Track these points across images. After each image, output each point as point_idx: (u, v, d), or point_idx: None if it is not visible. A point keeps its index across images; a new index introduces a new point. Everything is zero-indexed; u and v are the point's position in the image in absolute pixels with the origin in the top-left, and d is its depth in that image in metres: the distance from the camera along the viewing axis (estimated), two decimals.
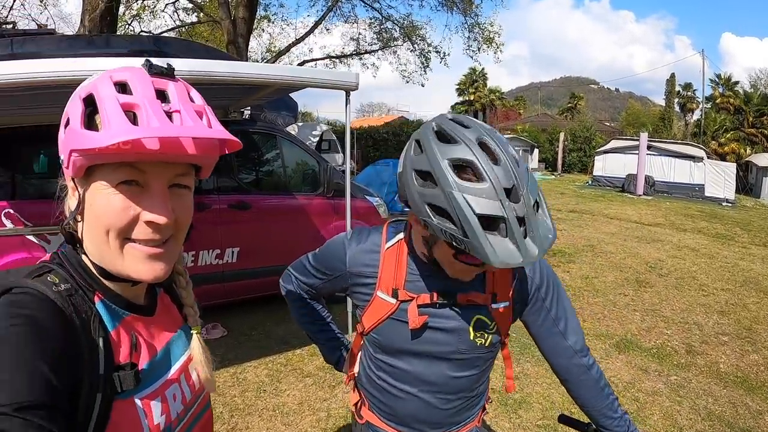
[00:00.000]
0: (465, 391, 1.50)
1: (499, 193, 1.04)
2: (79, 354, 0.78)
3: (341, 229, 6.18)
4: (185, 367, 1.02)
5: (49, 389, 0.68)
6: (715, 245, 10.87)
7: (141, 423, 0.86)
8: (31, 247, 4.31)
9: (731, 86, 39.88)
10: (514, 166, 1.06)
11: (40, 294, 0.77)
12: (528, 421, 3.82)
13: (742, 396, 4.36)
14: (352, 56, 20.55)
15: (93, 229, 0.84)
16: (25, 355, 0.69)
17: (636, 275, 8.16)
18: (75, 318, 0.79)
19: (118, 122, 0.75)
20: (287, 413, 3.92)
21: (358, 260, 1.48)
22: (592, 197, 19.57)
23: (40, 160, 4.68)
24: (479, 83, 58.39)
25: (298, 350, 5.06)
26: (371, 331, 1.49)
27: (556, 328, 1.47)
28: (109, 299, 0.89)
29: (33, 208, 4.32)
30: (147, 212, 0.82)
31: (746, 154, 29.95)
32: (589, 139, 31.61)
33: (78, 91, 0.83)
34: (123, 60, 2.55)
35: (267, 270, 5.58)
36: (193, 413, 1.03)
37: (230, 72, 2.99)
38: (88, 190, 0.83)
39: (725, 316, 6.39)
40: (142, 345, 0.91)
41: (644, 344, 5.44)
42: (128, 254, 0.84)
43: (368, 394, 1.63)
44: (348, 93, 3.36)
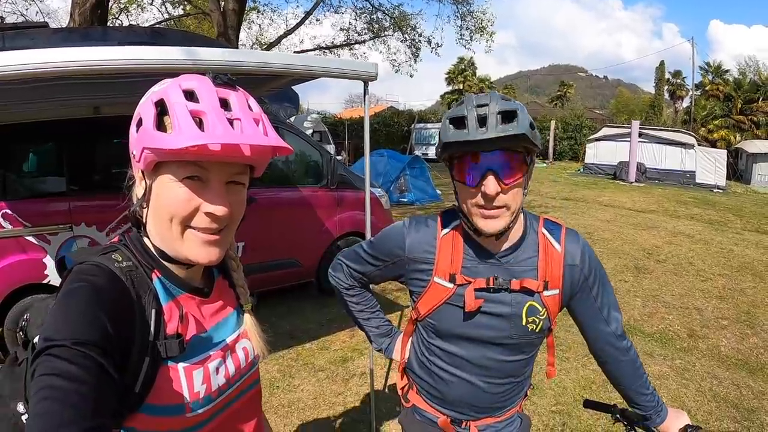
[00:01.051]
0: (513, 376, 1.56)
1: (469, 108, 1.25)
2: (132, 318, 0.90)
3: (345, 221, 6.20)
4: (233, 345, 1.12)
5: (104, 334, 0.80)
6: (709, 231, 10.99)
7: (182, 388, 0.96)
8: (29, 248, 4.31)
9: (721, 74, 40.00)
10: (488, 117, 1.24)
11: (103, 266, 0.91)
12: (542, 408, 3.89)
13: (744, 378, 4.45)
14: (342, 47, 20.32)
15: (158, 215, 0.96)
16: (87, 307, 0.82)
17: (634, 262, 8.26)
18: (132, 289, 0.92)
19: (187, 128, 0.85)
20: (303, 409, 3.94)
21: (416, 247, 1.53)
22: (584, 185, 19.68)
23: (31, 158, 4.67)
24: (468, 72, 58.22)
25: (307, 344, 5.10)
26: (427, 316, 1.54)
27: (600, 316, 1.53)
28: (165, 277, 1.01)
29: (29, 208, 4.32)
30: (207, 204, 0.93)
31: (736, 141, 30.10)
32: (579, 127, 31.70)
33: (150, 95, 0.93)
34: (124, 49, 2.53)
35: (273, 264, 5.63)
36: (238, 388, 1.13)
37: (254, 61, 2.95)
38: (155, 181, 0.94)
39: (724, 301, 6.50)
40: (190, 320, 1.02)
41: (647, 329, 5.54)
42: (188, 239, 0.96)
43: (417, 379, 1.70)
44: (366, 83, 3.36)
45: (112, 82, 3.36)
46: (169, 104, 0.88)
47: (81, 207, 4.53)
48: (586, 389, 4.17)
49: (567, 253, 1.47)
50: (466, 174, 1.33)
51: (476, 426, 1.61)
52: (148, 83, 3.29)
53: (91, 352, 0.75)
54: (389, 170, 13.96)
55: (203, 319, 1.06)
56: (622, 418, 1.72)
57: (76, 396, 0.70)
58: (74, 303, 0.81)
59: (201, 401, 0.99)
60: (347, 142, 24.78)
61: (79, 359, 0.73)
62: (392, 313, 5.91)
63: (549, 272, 1.45)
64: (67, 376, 0.71)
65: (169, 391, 0.94)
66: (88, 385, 0.72)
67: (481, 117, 1.24)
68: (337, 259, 1.82)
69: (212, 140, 0.84)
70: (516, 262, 1.46)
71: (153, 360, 0.92)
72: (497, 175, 1.28)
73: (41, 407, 0.68)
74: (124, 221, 3.78)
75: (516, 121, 1.22)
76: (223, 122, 0.87)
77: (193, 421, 0.99)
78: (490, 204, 1.31)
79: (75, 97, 3.90)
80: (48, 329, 0.77)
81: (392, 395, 4.08)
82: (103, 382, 0.76)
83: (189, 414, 0.97)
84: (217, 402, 1.05)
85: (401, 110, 36.24)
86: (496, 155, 1.28)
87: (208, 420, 1.03)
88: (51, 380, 0.70)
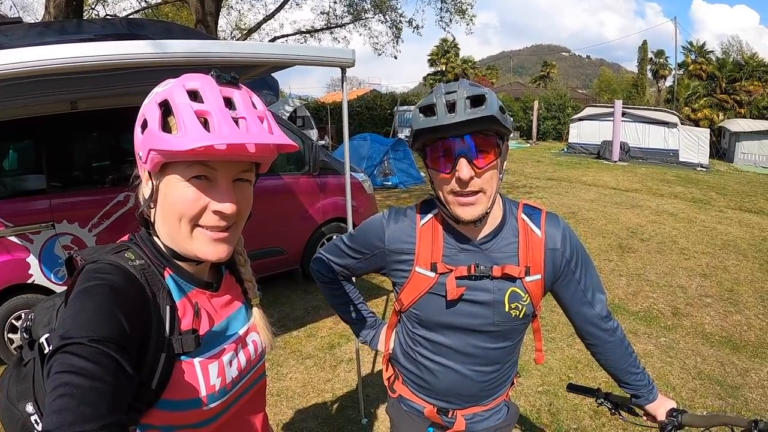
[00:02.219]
0: (498, 363, 1.57)
1: (437, 96, 1.27)
2: (148, 316, 0.91)
3: (328, 208, 6.18)
4: (243, 338, 1.15)
5: (121, 332, 0.81)
6: (692, 209, 11.09)
7: (198, 382, 0.98)
8: (12, 249, 4.25)
9: (704, 53, 40.18)
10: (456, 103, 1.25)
11: (118, 265, 0.92)
12: (529, 388, 3.92)
13: (728, 355, 4.51)
14: (323, 31, 20.13)
15: (166, 215, 0.97)
16: (103, 305, 0.82)
17: (619, 241, 8.32)
18: (146, 287, 0.93)
19: (194, 129, 0.86)
20: (292, 397, 3.94)
21: (396, 238, 1.53)
22: (568, 164, 19.75)
23: (9, 156, 4.58)
24: (451, 54, 58.05)
25: (295, 332, 5.09)
26: (410, 306, 1.54)
27: (584, 298, 1.54)
28: (177, 275, 1.02)
29: (10, 207, 4.24)
30: (215, 203, 0.94)
31: (719, 120, 30.27)
32: (562, 106, 31.74)
33: (154, 96, 0.93)
34: (96, 45, 2.49)
35: (257, 253, 5.59)
36: (248, 380, 1.16)
37: (226, 52, 2.92)
38: (162, 182, 0.95)
39: (707, 279, 6.57)
40: (203, 315, 1.04)
41: (631, 308, 5.60)
42: (197, 238, 0.97)
43: (403, 369, 1.70)
44: (344, 70, 3.33)
45: (88, 77, 3.30)
46: (173, 105, 0.89)
47: (62, 204, 4.46)
48: (572, 369, 4.20)
49: (548, 237, 1.47)
50: (438, 161, 1.34)
51: (463, 415, 1.61)
52: (124, 77, 3.25)
53: (107, 350, 0.76)
54: (372, 154, 13.90)
55: (215, 313, 1.08)
56: (606, 401, 1.75)
57: (93, 393, 0.71)
58: (90, 301, 0.82)
59: (217, 394, 1.02)
60: (330, 126, 24.62)
61: (95, 356, 0.74)
62: (377, 298, 5.93)
63: (530, 257, 1.45)
64: (83, 373, 0.72)
65: (185, 386, 0.96)
66: (104, 382, 0.73)
67: (450, 103, 1.25)
68: (318, 253, 1.82)
69: (218, 141, 0.84)
70: (497, 249, 1.46)
71: (169, 356, 0.93)
72: (469, 158, 1.29)
73: (58, 404, 0.68)
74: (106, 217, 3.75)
75: (485, 105, 1.24)
76: (228, 122, 0.88)
77: (208, 413, 1.01)
78: (465, 188, 1.30)
79: (51, 92, 3.85)
80: (64, 327, 0.77)
81: (380, 380, 4.06)
82: (120, 379, 0.76)
83: (205, 407, 0.99)
84: (231, 394, 1.08)
85: (384, 93, 36.03)
86: (467, 140, 1.28)
87: (223, 412, 1.06)
88: (67, 377, 0.71)
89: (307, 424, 3.60)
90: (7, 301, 4.31)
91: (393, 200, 11.83)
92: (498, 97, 1.29)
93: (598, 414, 3.52)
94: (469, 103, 1.24)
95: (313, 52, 3.40)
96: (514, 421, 1.74)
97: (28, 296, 4.40)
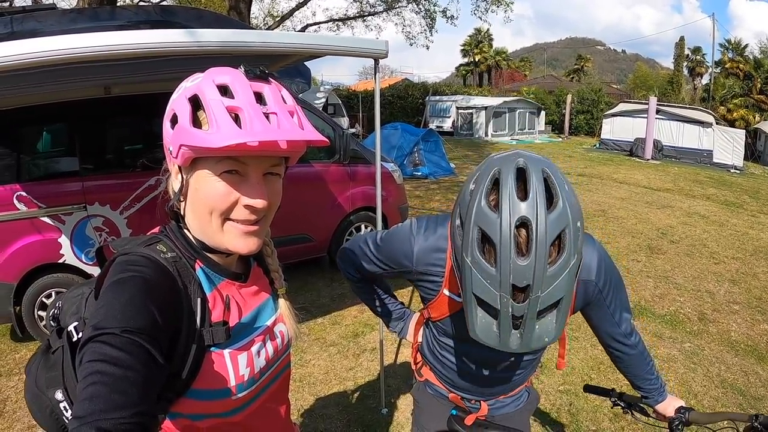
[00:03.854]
0: (523, 368, 1.62)
1: (503, 286, 1.01)
2: (180, 308, 0.92)
3: (357, 197, 6.19)
4: (271, 329, 1.16)
5: (153, 323, 0.82)
6: (724, 213, 10.87)
7: (228, 372, 1.00)
8: (44, 229, 4.38)
9: (741, 52, 39.19)
10: (543, 265, 0.99)
11: (151, 257, 0.93)
12: (550, 387, 3.94)
13: (752, 365, 4.45)
14: (356, 18, 20.00)
15: (197, 209, 0.97)
16: (136, 296, 0.83)
17: (648, 241, 8.23)
18: (178, 280, 0.95)
19: (226, 125, 0.86)
20: (314, 383, 4.01)
21: (424, 260, 1.47)
22: (600, 161, 19.48)
23: (44, 139, 4.70)
24: (484, 44, 57.52)
25: (320, 319, 5.16)
26: (438, 320, 1.57)
27: (612, 320, 1.55)
28: (207, 267, 1.03)
29: (43, 189, 4.37)
30: (246, 197, 0.95)
31: (755, 121, 29.47)
32: (596, 101, 31.26)
33: (183, 91, 0.93)
34: (130, 33, 2.52)
35: (286, 239, 5.66)
36: (275, 370, 1.18)
37: (260, 42, 2.91)
38: (192, 176, 0.95)
39: (736, 285, 6.46)
40: (233, 306, 1.05)
41: (657, 311, 5.54)
42: (227, 231, 0.98)
43: (429, 362, 1.75)
44: (377, 61, 3.34)
45: (121, 64, 3.36)
46: (204, 101, 0.89)
47: (94, 186, 4.57)
48: (594, 370, 4.20)
49: (583, 266, 1.32)
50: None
51: (486, 402, 1.68)
52: (157, 63, 3.29)
53: (140, 340, 0.78)
54: (403, 143, 13.87)
55: (244, 304, 1.09)
56: (619, 401, 1.85)
57: (124, 382, 0.72)
58: (123, 293, 0.83)
59: (245, 384, 1.03)
60: (361, 114, 24.63)
61: (128, 346, 0.76)
62: (404, 289, 5.94)
63: None
64: (115, 362, 0.73)
65: (215, 376, 0.98)
66: (135, 371, 0.74)
67: (516, 319, 1.05)
68: (344, 249, 1.77)
69: (251, 138, 0.84)
70: None
71: (199, 347, 0.95)
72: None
73: (89, 391, 0.70)
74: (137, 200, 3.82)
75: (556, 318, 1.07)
76: (260, 118, 0.88)
77: (236, 403, 1.03)
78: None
79: (85, 78, 3.91)
80: (97, 318, 0.79)
81: (402, 371, 4.15)
82: (151, 369, 0.78)
83: (234, 397, 1.01)
84: (259, 383, 1.10)
85: (415, 82, 35.91)
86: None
87: (250, 401, 1.08)
88: (100, 366, 0.72)
89: (328, 411, 3.67)
90: (38, 279, 4.46)
91: (422, 191, 11.82)
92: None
93: (617, 417, 3.52)
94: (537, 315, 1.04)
95: (346, 42, 3.40)
96: (533, 407, 1.82)
97: (58, 275, 4.54)
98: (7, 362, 4.42)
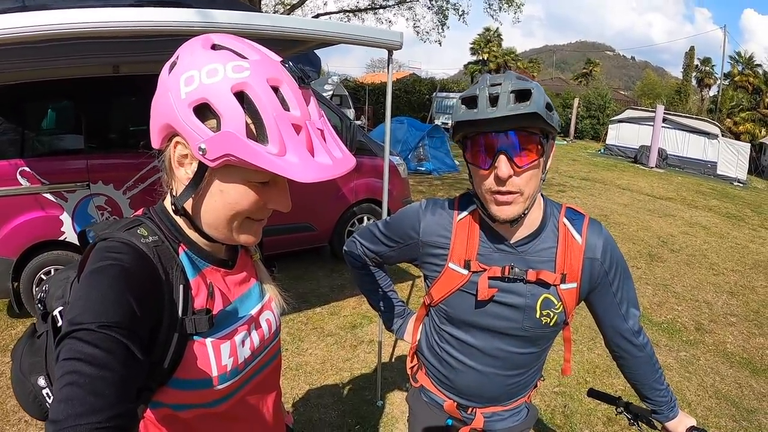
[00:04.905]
0: (524, 368, 1.56)
1: (481, 88, 1.23)
2: (161, 297, 0.89)
3: (361, 188, 6.20)
4: (256, 318, 1.12)
5: (131, 316, 0.78)
6: (725, 225, 10.88)
7: (210, 362, 0.97)
8: (46, 206, 4.37)
9: (751, 65, 39.09)
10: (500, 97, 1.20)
11: (129, 243, 0.89)
12: (545, 388, 3.94)
13: (747, 377, 4.46)
14: (367, 11, 19.88)
15: (218, 209, 0.93)
16: (113, 288, 0.79)
17: (648, 249, 8.23)
18: (159, 266, 0.90)
19: (302, 156, 0.82)
20: (310, 372, 4.02)
21: (431, 230, 1.50)
22: (604, 166, 19.46)
23: (49, 116, 4.69)
24: (494, 43, 57.27)
25: (318, 309, 5.17)
26: (440, 302, 1.53)
27: (619, 311, 1.50)
28: (192, 251, 1.00)
29: (47, 165, 4.35)
30: (273, 203, 0.95)
31: (761, 136, 29.39)
32: (603, 106, 31.20)
33: (223, 80, 0.81)
34: (141, 10, 2.49)
35: (288, 227, 5.67)
36: (262, 359, 1.14)
37: (273, 25, 2.86)
38: (217, 175, 0.89)
39: (734, 297, 6.47)
40: (217, 294, 1.01)
41: (655, 318, 5.56)
42: (245, 229, 0.97)
43: (427, 363, 1.70)
44: (391, 52, 3.30)
45: (130, 42, 3.33)
46: (261, 109, 0.80)
47: (98, 165, 4.56)
48: (590, 373, 4.22)
49: (588, 245, 1.41)
50: (478, 156, 1.30)
51: (482, 412, 1.61)
52: (167, 43, 3.27)
53: (117, 335, 0.74)
54: (408, 138, 13.82)
55: (228, 292, 1.06)
56: (626, 411, 1.72)
57: (100, 382, 0.69)
58: (100, 283, 0.79)
59: (228, 374, 1.00)
60: (367, 107, 24.57)
61: (104, 343, 0.73)
62: (403, 282, 5.97)
63: (567, 264, 1.41)
64: (91, 360, 0.70)
65: (197, 366, 0.95)
66: (112, 370, 0.71)
67: (493, 96, 1.20)
68: (352, 237, 1.80)
69: (327, 176, 0.82)
70: (533, 252, 1.42)
71: (181, 336, 0.92)
72: (509, 156, 1.23)
73: (64, 393, 0.67)
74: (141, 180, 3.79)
75: (530, 101, 1.18)
76: (323, 145, 0.86)
77: (219, 393, 1.00)
78: (503, 186, 1.26)
79: (94, 55, 3.89)
80: (73, 311, 0.76)
81: (399, 364, 4.17)
82: (129, 366, 0.75)
83: (216, 387, 0.98)
84: (243, 374, 1.06)
85: (423, 78, 35.80)
86: (509, 136, 1.23)
87: (235, 392, 1.05)
88: (75, 365, 0.70)
89: (323, 400, 3.68)
90: (38, 256, 4.45)
91: (425, 186, 11.80)
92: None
93: (611, 421, 3.54)
94: (513, 97, 1.18)
95: (361, 31, 3.35)
96: (531, 424, 1.72)
97: (58, 253, 4.53)
98: (4, 338, 4.43)
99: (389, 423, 3.47)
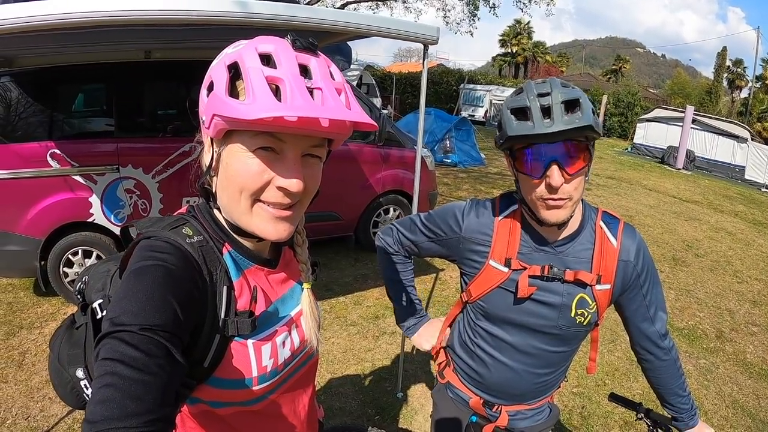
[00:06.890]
0: (553, 366, 1.61)
1: (531, 98, 1.26)
2: (204, 299, 0.88)
3: (388, 179, 6.23)
4: (297, 318, 1.11)
5: (173, 319, 0.77)
6: (751, 231, 10.72)
7: (251, 363, 0.96)
8: (76, 187, 4.46)
9: None
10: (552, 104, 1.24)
11: (174, 243, 0.87)
12: (564, 388, 3.92)
13: (765, 389, 4.44)
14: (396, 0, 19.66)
15: (226, 187, 0.91)
16: (157, 289, 0.78)
17: (673, 252, 8.18)
18: (203, 267, 0.89)
19: (263, 96, 0.78)
20: (332, 361, 4.09)
21: (473, 227, 1.56)
22: (631, 165, 19.23)
23: (80, 99, 4.77)
24: (523, 36, 56.73)
25: (342, 297, 5.25)
26: (479, 298, 1.59)
27: (647, 314, 1.55)
28: (236, 251, 0.98)
29: (78, 148, 4.44)
30: (280, 178, 0.87)
31: None
32: (631, 105, 30.76)
33: (222, 57, 0.87)
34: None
35: (313, 216, 5.68)
36: (300, 360, 1.13)
37: (311, 17, 2.86)
38: (224, 150, 0.89)
39: (757, 307, 6.42)
40: (260, 295, 1.00)
41: (676, 323, 5.54)
42: (257, 214, 0.91)
43: (457, 358, 1.76)
44: (426, 46, 3.31)
45: (165, 29, 3.35)
46: (243, 69, 0.82)
47: (128, 148, 4.64)
48: (609, 375, 4.24)
49: (623, 248, 1.47)
50: (527, 164, 1.33)
51: (507, 411, 1.66)
52: (201, 31, 3.27)
53: (158, 338, 0.73)
54: (435, 129, 13.77)
55: (271, 291, 1.04)
56: (646, 417, 1.75)
57: (139, 386, 0.68)
58: (144, 284, 0.78)
59: (268, 375, 1.00)
60: (394, 96, 24.47)
61: (145, 345, 0.71)
62: (427, 275, 6.01)
63: (603, 266, 1.46)
64: (131, 363, 0.69)
65: (237, 367, 0.95)
66: (152, 374, 0.70)
67: (545, 108, 1.23)
68: (390, 224, 1.84)
69: (289, 112, 0.76)
70: (572, 253, 1.47)
71: (223, 337, 0.91)
72: (561, 165, 1.28)
73: (102, 394, 0.66)
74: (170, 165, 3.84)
75: (580, 111, 1.23)
76: (302, 92, 0.80)
77: (258, 393, 1.00)
78: (554, 194, 1.30)
79: (127, 41, 3.94)
80: (115, 310, 0.75)
81: (420, 356, 4.22)
82: (169, 370, 0.74)
83: (255, 387, 0.98)
84: (282, 374, 1.06)
85: (451, 69, 35.56)
86: (559, 145, 1.27)
87: (273, 391, 1.05)
88: (115, 366, 0.68)
89: (344, 389, 3.75)
90: (66, 236, 4.54)
91: (450, 179, 11.78)
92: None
93: (628, 425, 3.57)
94: (563, 107, 1.22)
95: (398, 25, 3.30)
96: (552, 424, 1.77)
97: (86, 234, 4.62)
98: (29, 315, 4.55)
99: (409, 415, 3.54)
